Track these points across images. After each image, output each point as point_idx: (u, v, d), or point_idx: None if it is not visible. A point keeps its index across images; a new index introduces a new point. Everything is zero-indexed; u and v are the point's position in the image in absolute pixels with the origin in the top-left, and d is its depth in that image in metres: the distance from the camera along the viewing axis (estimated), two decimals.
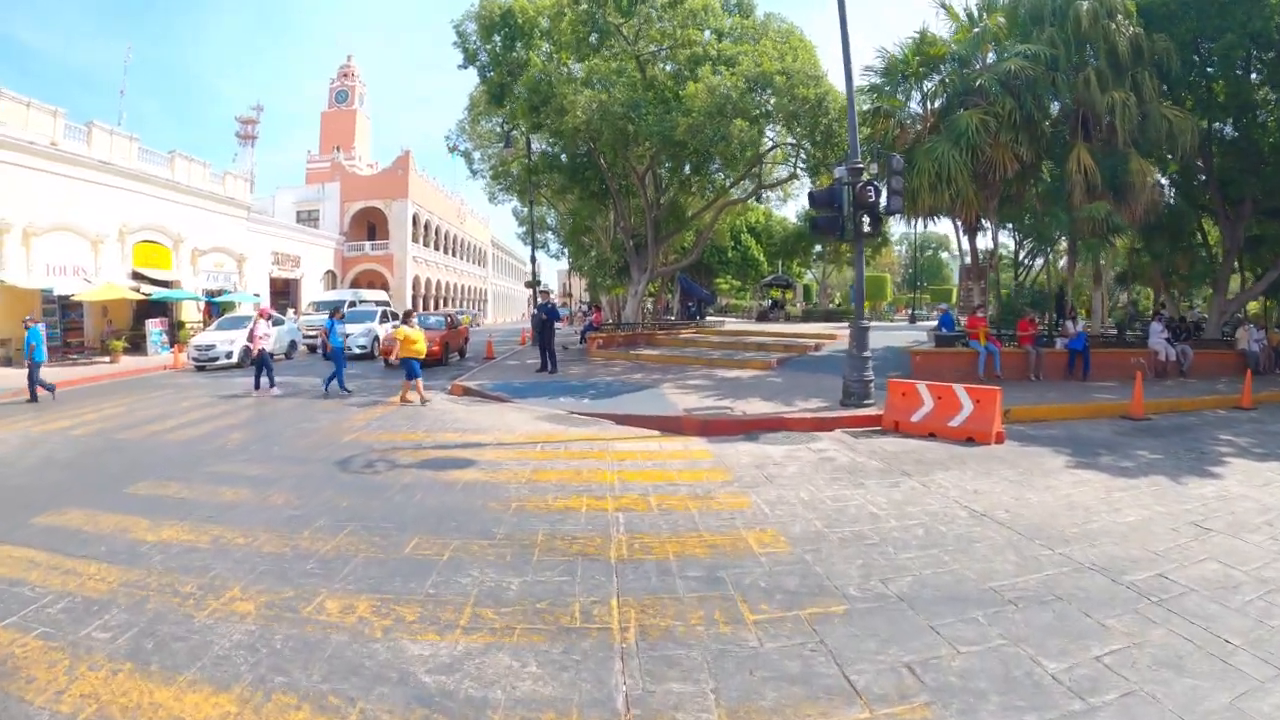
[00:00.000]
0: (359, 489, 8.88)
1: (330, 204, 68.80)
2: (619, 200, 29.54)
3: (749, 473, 9.56)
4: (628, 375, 20.08)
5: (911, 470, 9.78)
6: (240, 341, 26.76)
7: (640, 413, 13.82)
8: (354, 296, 40.25)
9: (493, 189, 42.13)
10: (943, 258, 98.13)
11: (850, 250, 57.67)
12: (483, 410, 15.32)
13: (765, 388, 17.33)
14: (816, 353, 24.80)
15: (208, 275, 42.14)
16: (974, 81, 21.80)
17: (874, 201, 13.93)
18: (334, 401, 16.98)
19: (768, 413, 13.67)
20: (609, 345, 26.99)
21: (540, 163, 29.38)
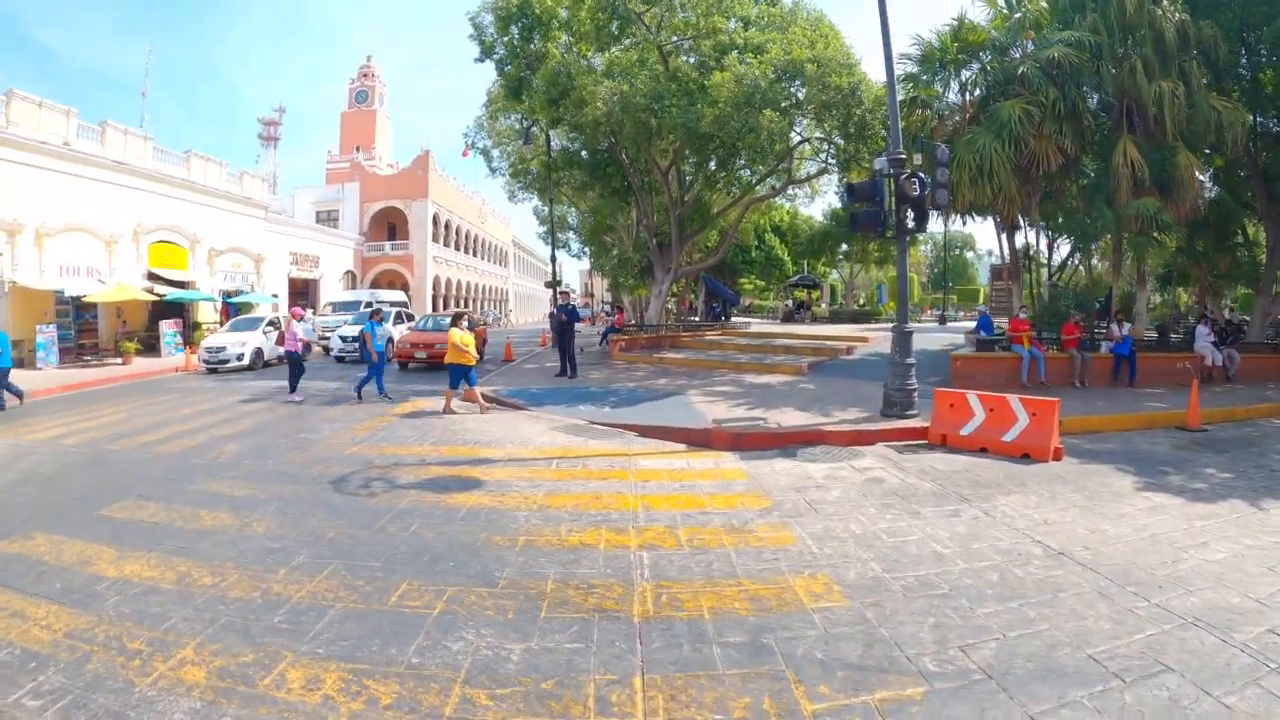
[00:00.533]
0: (349, 515, 7.92)
1: (350, 204, 68.33)
2: (641, 197, 28.49)
3: (789, 497, 8.51)
4: (651, 381, 19.06)
5: (969, 494, 8.71)
6: (252, 343, 26.37)
7: (665, 424, 12.75)
8: (370, 297, 39.41)
9: (512, 187, 41.37)
10: (967, 257, 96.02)
11: (878, 250, 57.71)
12: (497, 420, 14.35)
13: (798, 395, 16.23)
14: (849, 356, 23.67)
15: (225, 276, 41.69)
16: (1015, 70, 20.62)
17: (918, 195, 12.83)
18: (342, 408, 16.14)
19: (804, 424, 12.57)
20: (631, 348, 26.03)
21: (560, 159, 28.36)
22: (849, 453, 11.05)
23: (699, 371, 21.08)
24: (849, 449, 11.33)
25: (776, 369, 20.50)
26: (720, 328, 34.88)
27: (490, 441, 11.97)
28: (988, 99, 21.27)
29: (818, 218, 59.62)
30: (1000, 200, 20.76)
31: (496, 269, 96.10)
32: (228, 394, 18.99)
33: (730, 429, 12.10)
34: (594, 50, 24.46)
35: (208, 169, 40.59)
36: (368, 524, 7.55)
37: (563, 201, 42.80)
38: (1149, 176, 19.97)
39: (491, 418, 14.58)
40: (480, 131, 38.92)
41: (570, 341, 20.12)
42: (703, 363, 22.44)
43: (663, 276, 28.06)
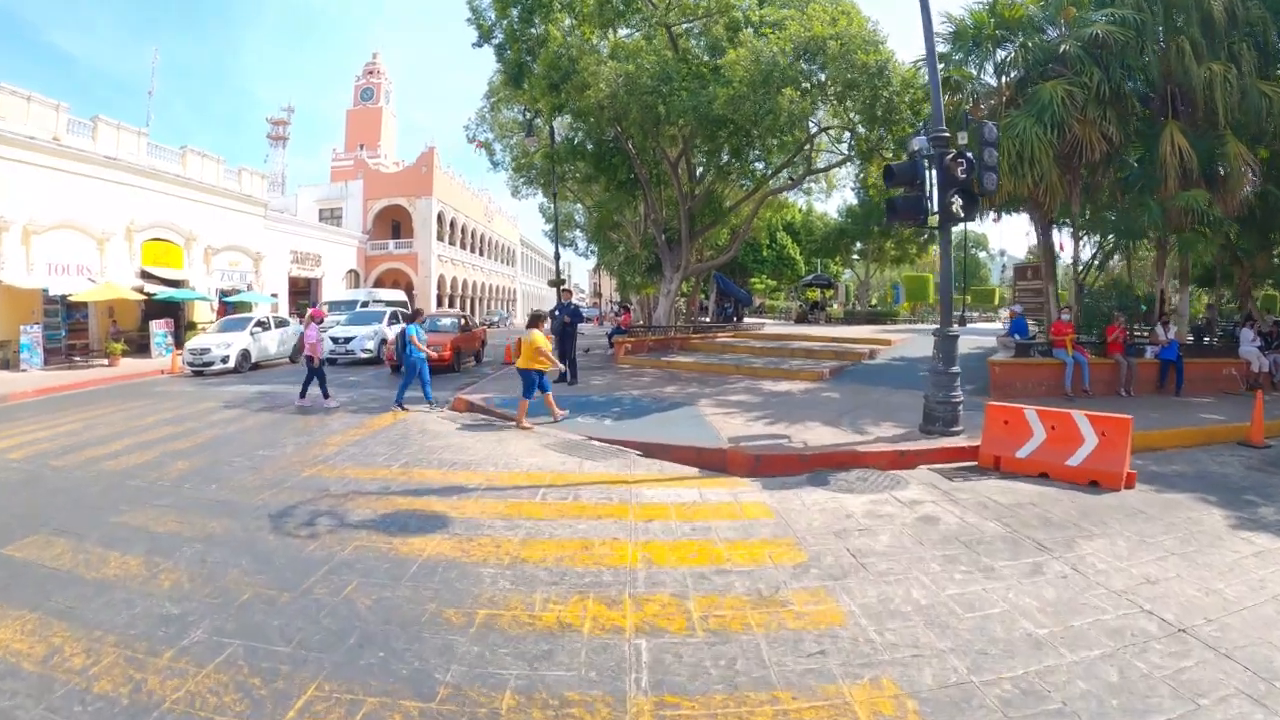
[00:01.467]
0: (277, 567, 6.32)
1: (353, 202, 67.58)
2: (649, 190, 26.73)
3: (827, 546, 6.81)
4: (659, 388, 17.38)
5: (1045, 539, 7.07)
6: (238, 345, 25.13)
7: (674, 442, 11.05)
8: (368, 296, 38.17)
9: (516, 182, 39.84)
10: (979, 258, 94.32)
11: (894, 249, 56.04)
12: (483, 434, 12.72)
13: (822, 406, 14.54)
14: (872, 361, 21.97)
15: (222, 274, 40.98)
16: (1055, 49, 18.94)
17: (965, 178, 11.15)
18: (317, 418, 14.67)
19: (834, 443, 10.87)
20: (638, 351, 24.35)
21: (563, 150, 26.62)
22: (889, 479, 9.37)
23: (711, 377, 19.38)
24: (889, 474, 9.66)
25: (796, 375, 18.81)
26: (732, 329, 33.21)
27: (470, 463, 10.32)
28: (1025, 81, 19.55)
29: (832, 215, 58.24)
30: (1041, 191, 19.06)
31: (503, 268, 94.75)
32: (203, 400, 17.62)
33: (749, 449, 10.39)
34: (598, 33, 22.80)
35: (204, 165, 39.90)
36: (294, 581, 5.94)
37: (568, 197, 41.35)
38: (1198, 167, 18.35)
39: (475, 432, 12.97)
40: (482, 124, 37.52)
41: (572, 344, 18.50)
42: (715, 367, 20.80)
43: (672, 274, 26.36)
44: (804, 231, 58.76)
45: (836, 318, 50.27)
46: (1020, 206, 22.47)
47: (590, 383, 18.48)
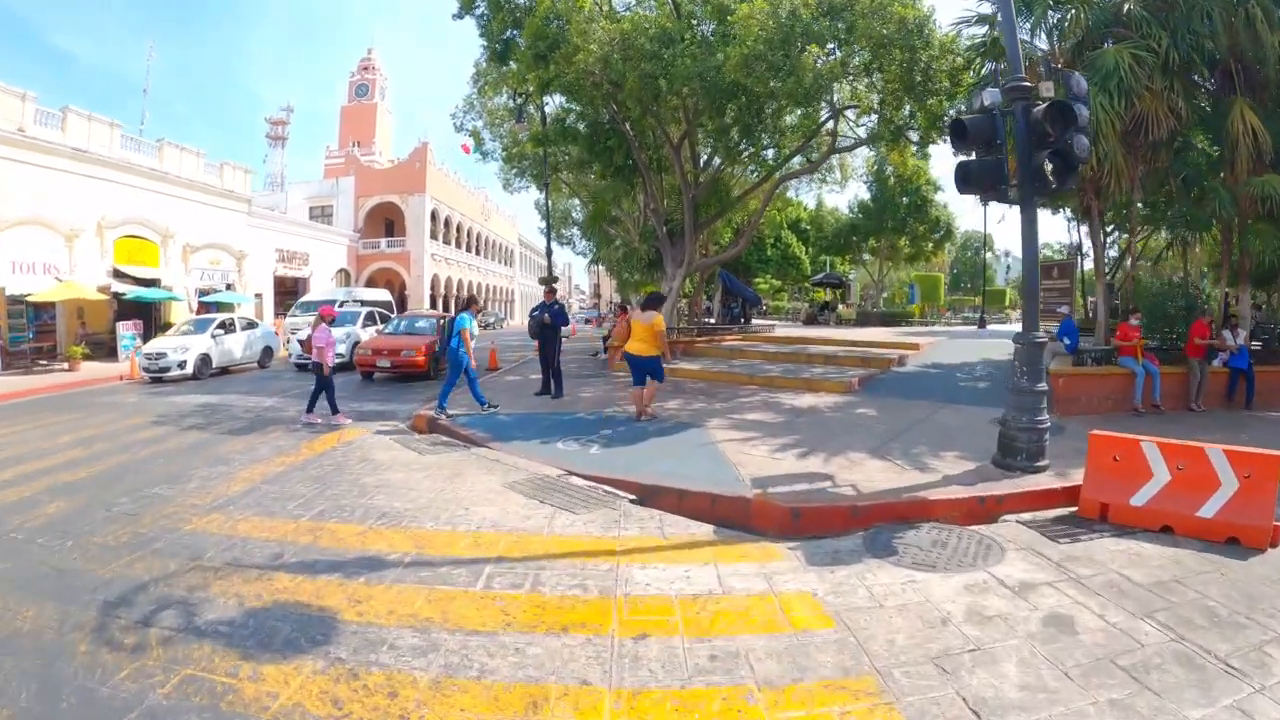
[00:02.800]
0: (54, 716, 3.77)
1: (344, 199, 65.56)
2: (649, 177, 23.91)
3: (931, 693, 4.20)
4: (659, 402, 14.54)
5: (1226, 649, 4.75)
6: (196, 349, 22.90)
7: (680, 485, 8.37)
8: (347, 295, 35.50)
9: (507, 174, 37.18)
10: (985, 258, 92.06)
11: (908, 246, 53.31)
12: (437, 464, 10.18)
13: (860, 428, 11.94)
14: (902, 368, 19.38)
15: (202, 273, 39.34)
16: (1119, 7, 16.39)
17: (1059, 135, 8.55)
18: (248, 439, 12.33)
19: (891, 486, 8.26)
20: None
21: (553, 131, 23.88)
22: (976, 542, 6.78)
23: (720, 388, 16.74)
24: (971, 532, 7.08)
25: (819, 385, 16.18)
26: (740, 331, 30.37)
27: (404, 514, 7.74)
28: (1082, 46, 16.96)
29: (843, 210, 55.71)
30: (1105, 173, 16.51)
31: (501, 268, 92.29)
32: (138, 413, 15.51)
33: (781, 497, 7.77)
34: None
35: (183, 159, 38.34)
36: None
37: (563, 191, 38.86)
38: (1271, 149, 15.96)
39: (428, 461, 10.39)
40: (470, 111, 34.80)
41: (554, 351, 15.79)
42: (725, 376, 18.17)
43: (674, 271, 23.63)
44: (813, 228, 56.80)
45: (848, 319, 47.65)
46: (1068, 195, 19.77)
47: (578, 395, 15.86)
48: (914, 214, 48.56)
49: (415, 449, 11.17)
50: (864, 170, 41.96)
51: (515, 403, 14.93)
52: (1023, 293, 10.26)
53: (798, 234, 57.60)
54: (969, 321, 54.27)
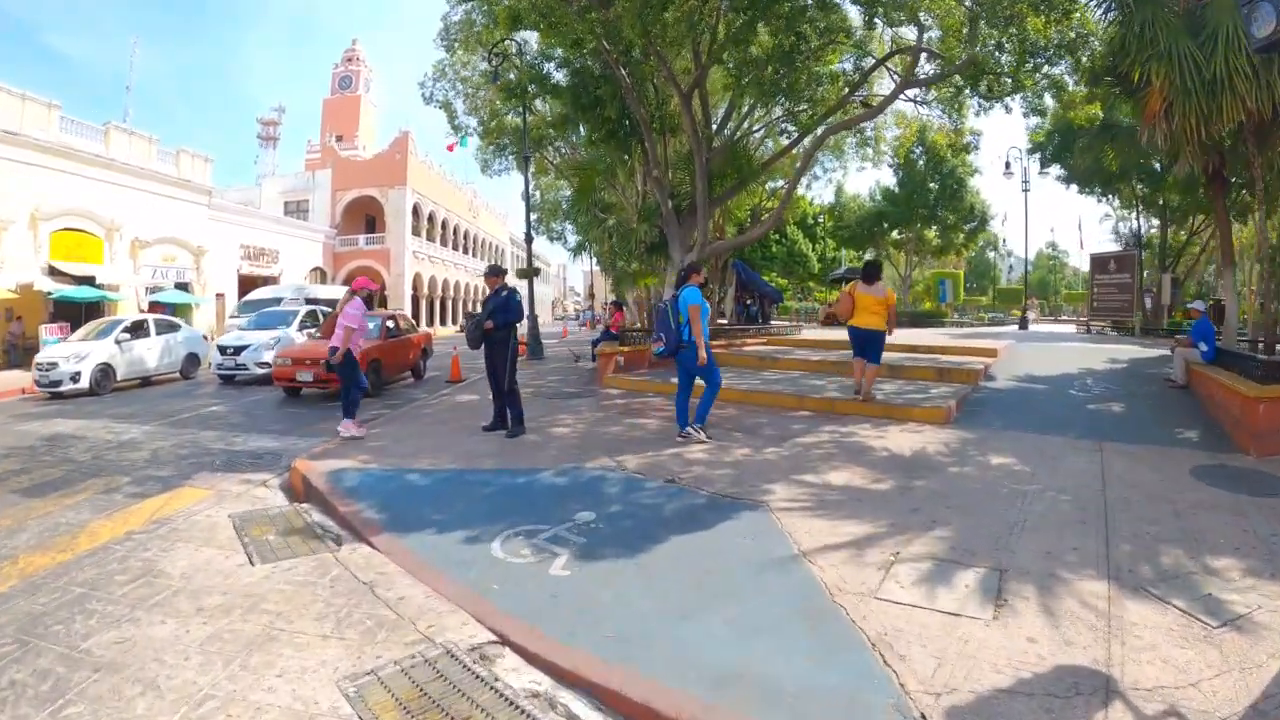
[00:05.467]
0: None
1: (321, 193, 61.43)
2: (650, 137, 18.64)
3: None
4: (673, 446, 9.44)
5: None
6: (95, 358, 18.51)
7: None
8: (298, 294, 30.62)
9: (485, 153, 32.85)
10: (989, 257, 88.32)
11: (936, 238, 48.51)
12: (251, 599, 5.24)
13: (1024, 500, 6.90)
14: (995, 384, 14.28)
15: (154, 271, 36.02)
16: None
17: None
18: (25, 509, 7.44)
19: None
20: (633, 367, 16.72)
21: (526, 78, 18.75)
22: None
23: (761, 415, 11.60)
24: None
25: (905, 413, 11.08)
26: (761, 333, 24.98)
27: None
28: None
29: (864, 198, 51.40)
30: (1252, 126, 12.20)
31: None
32: None
33: None
34: None
35: (133, 145, 34.70)
36: None
37: (548, 171, 34.18)
38: None
39: (253, 582, 5.33)
40: (441, 80, 29.96)
41: (504, 364, 10.34)
42: (763, 396, 13.00)
43: (682, 257, 18.43)
44: (830, 218, 52.67)
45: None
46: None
47: (549, 429, 10.71)
48: (946, 201, 44.08)
49: (251, 546, 6.29)
50: (890, 152, 37.24)
51: (448, 444, 9.86)
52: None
53: (805, 231, 54.12)
54: (995, 322, 50.80)
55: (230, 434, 11.79)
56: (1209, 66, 12.01)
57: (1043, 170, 36.17)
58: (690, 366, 9.50)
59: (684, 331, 9.28)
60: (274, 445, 10.87)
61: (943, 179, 43.55)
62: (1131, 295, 31.87)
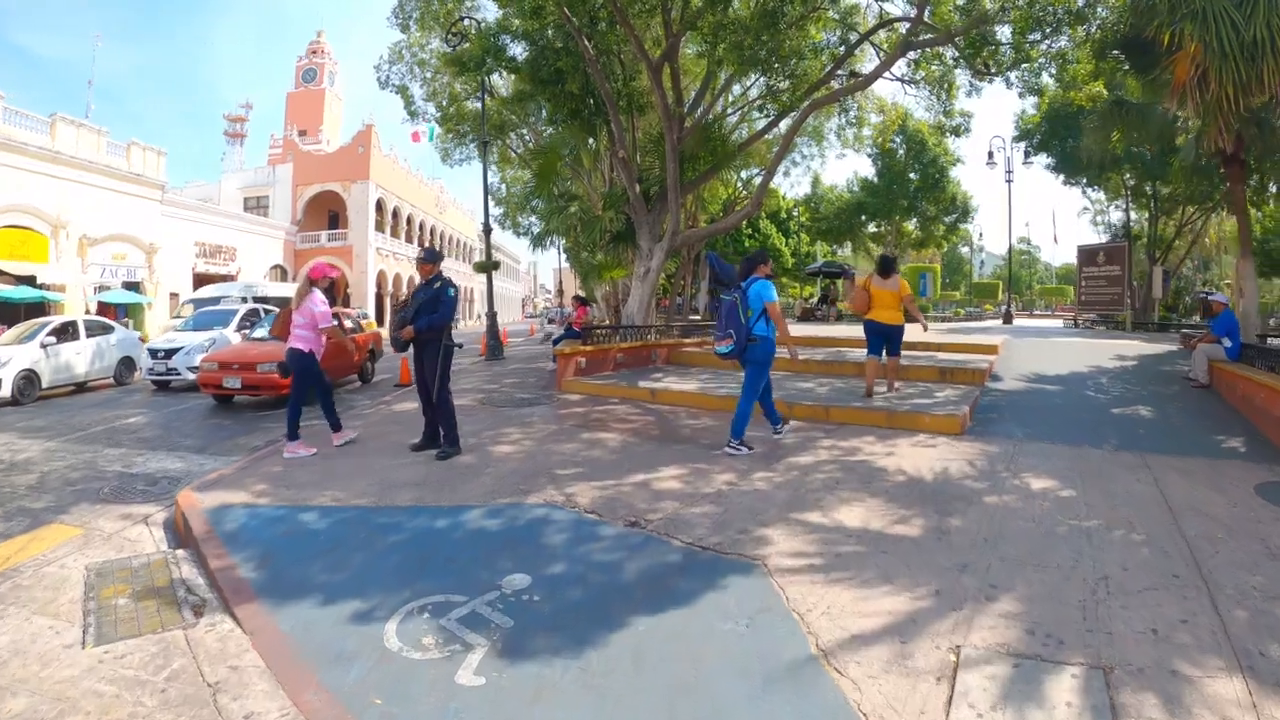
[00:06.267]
0: None
1: (281, 188, 59.26)
2: (616, 115, 16.95)
3: None
4: (640, 472, 7.61)
5: None
6: (16, 363, 16.58)
7: None
8: (246, 292, 28.68)
9: (445, 141, 31.19)
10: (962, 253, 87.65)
11: (916, 232, 47.28)
12: (70, 698, 3.58)
13: (1081, 539, 5.36)
14: (1003, 385, 12.70)
15: (104, 270, 34.74)
16: None
17: None
18: None
19: None
20: (597, 369, 14.90)
21: (479, 48, 16.95)
22: None
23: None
24: None
25: (913, 421, 9.51)
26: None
27: None
28: None
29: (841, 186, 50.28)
30: None
31: (458, 265, 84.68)
32: None
33: None
34: None
35: (80, 137, 33.17)
36: None
37: (511, 160, 32.65)
38: None
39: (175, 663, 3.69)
40: (397, 63, 28.19)
41: (435, 367, 8.58)
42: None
43: (650, 247, 16.77)
44: (806, 211, 50.89)
45: (850, 314, 41.20)
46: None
47: (490, 448, 8.93)
48: (927, 192, 42.73)
49: (94, 616, 4.75)
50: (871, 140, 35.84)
51: (366, 469, 8.06)
52: None
53: (778, 225, 52.69)
54: (972, 316, 49.16)
55: (136, 452, 10.07)
56: (1248, 28, 10.68)
57: (1027, 160, 35.17)
58: (751, 359, 8.42)
59: (758, 327, 8.34)
60: (178, 467, 9.14)
61: (924, 168, 42.22)
62: (1122, 288, 30.60)
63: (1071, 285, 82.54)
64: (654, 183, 17.70)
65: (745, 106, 22.93)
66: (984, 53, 15.88)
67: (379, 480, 7.41)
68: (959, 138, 23.24)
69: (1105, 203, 42.90)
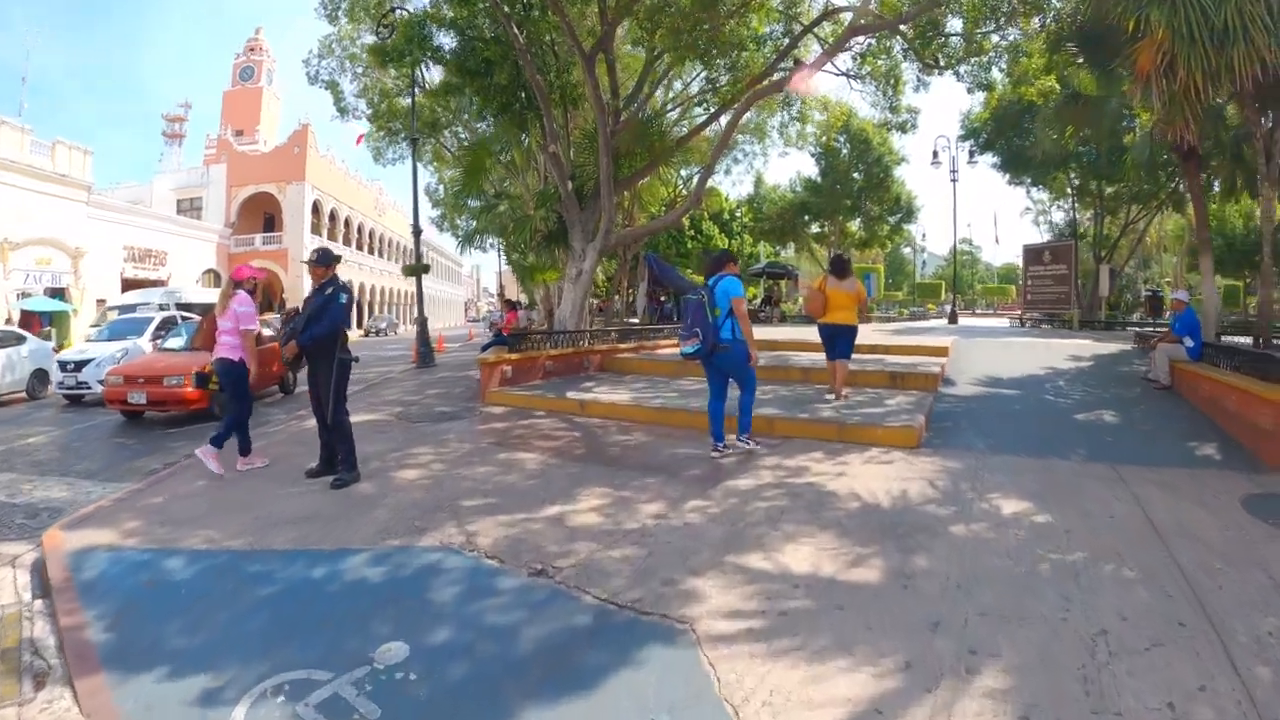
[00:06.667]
0: None
1: (216, 189, 57.88)
2: (548, 107, 15.71)
3: None
4: (554, 502, 6.63)
5: None
6: None
7: None
8: (167, 298, 27.11)
9: (377, 140, 29.99)
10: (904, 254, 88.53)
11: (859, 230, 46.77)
12: None
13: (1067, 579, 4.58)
14: (958, 390, 12.08)
15: (26, 275, 33.81)
16: None
17: None
18: None
19: None
20: (525, 378, 13.83)
21: (403, 35, 15.88)
22: None
23: (678, 440, 9.13)
24: None
25: (865, 434, 8.72)
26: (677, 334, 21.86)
27: None
28: None
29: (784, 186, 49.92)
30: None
31: (397, 268, 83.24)
32: None
33: None
34: None
35: (1, 135, 32.14)
36: None
37: (447, 162, 31.54)
38: None
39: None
40: (328, 57, 27.07)
41: (328, 387, 7.54)
42: (678, 416, 10.40)
43: (583, 247, 15.80)
44: (749, 212, 50.48)
45: (793, 315, 40.49)
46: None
47: (393, 473, 7.86)
48: (871, 191, 42.41)
49: None
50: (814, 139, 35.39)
51: (252, 500, 6.99)
52: None
53: (721, 226, 51.96)
54: (916, 316, 49.83)
55: (26, 478, 8.93)
56: (1218, 14, 10.24)
57: (972, 160, 35.00)
58: (730, 368, 8.22)
59: (725, 328, 7.97)
60: (63, 496, 8.02)
61: (868, 168, 41.74)
62: (1069, 287, 30.52)
63: (1013, 285, 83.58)
64: (588, 179, 16.77)
65: (685, 102, 22.25)
66: (934, 44, 15.38)
67: (262, 516, 6.38)
68: (906, 134, 22.93)
69: (1048, 203, 43.21)
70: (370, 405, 12.82)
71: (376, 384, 16.83)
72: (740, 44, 15.86)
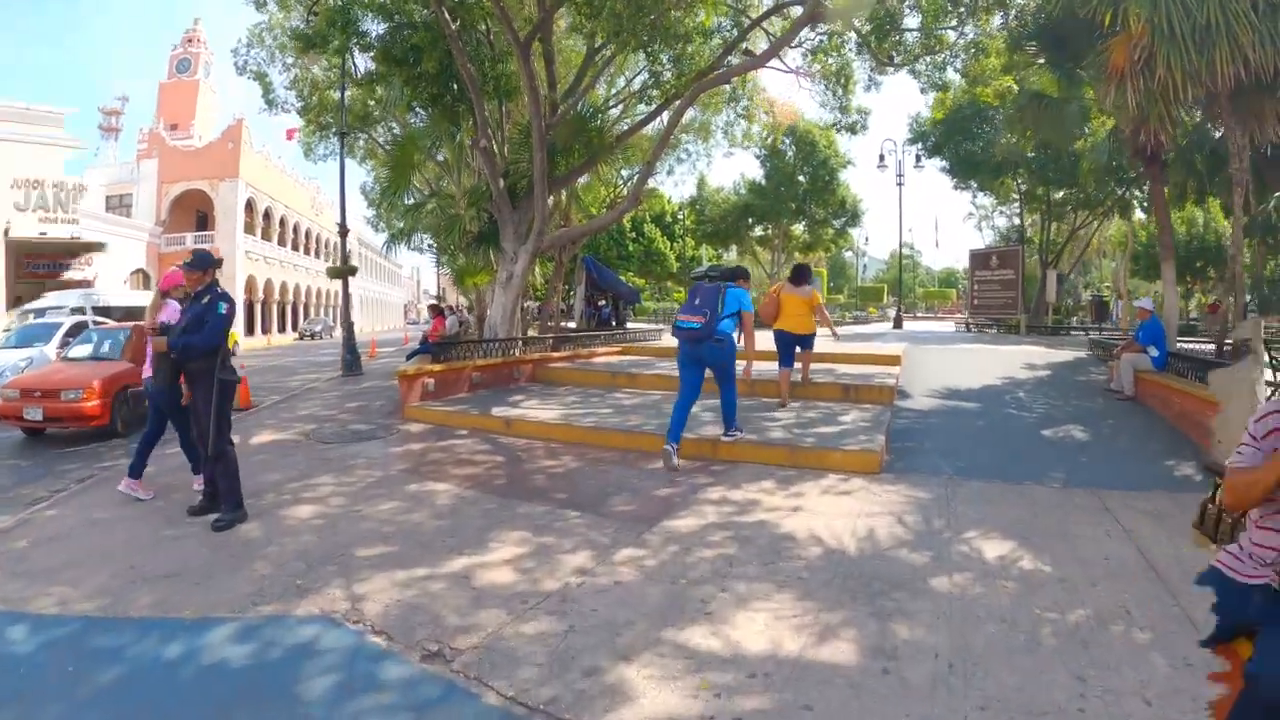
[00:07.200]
0: None
1: (146, 186, 55.50)
2: (479, 99, 14.62)
3: None
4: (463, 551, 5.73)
5: None
6: None
7: None
8: (85, 301, 25.46)
9: (307, 136, 29.08)
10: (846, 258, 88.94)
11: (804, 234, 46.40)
12: None
13: (1120, 662, 3.75)
14: (914, 404, 11.37)
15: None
16: None
17: None
18: None
19: None
20: (449, 390, 12.79)
21: (325, 20, 14.79)
22: None
23: (610, 464, 8.32)
24: None
25: (820, 458, 7.93)
26: (615, 340, 20.85)
27: None
28: None
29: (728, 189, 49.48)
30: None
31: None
32: None
33: None
34: None
35: None
36: None
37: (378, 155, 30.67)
38: None
39: None
40: (256, 46, 25.72)
41: (208, 409, 6.38)
42: (611, 437, 9.52)
43: (515, 248, 14.77)
44: (692, 214, 50.22)
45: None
46: None
47: (285, 510, 6.81)
48: (816, 194, 42.22)
49: None
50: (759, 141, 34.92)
51: (122, 545, 5.98)
52: None
53: (663, 228, 52.71)
54: (859, 320, 49.75)
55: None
56: (1200, 10, 9.84)
57: (919, 164, 34.98)
58: (716, 363, 8.32)
59: (724, 324, 8.16)
60: None
61: (814, 170, 41.50)
62: (1016, 292, 30.42)
63: (954, 289, 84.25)
64: (522, 177, 15.77)
65: (628, 99, 21.37)
66: (890, 39, 14.83)
67: (128, 567, 5.31)
68: (856, 135, 22.42)
69: (991, 208, 43.26)
70: (282, 422, 11.72)
71: (297, 394, 15.66)
72: (686, 36, 15.01)
